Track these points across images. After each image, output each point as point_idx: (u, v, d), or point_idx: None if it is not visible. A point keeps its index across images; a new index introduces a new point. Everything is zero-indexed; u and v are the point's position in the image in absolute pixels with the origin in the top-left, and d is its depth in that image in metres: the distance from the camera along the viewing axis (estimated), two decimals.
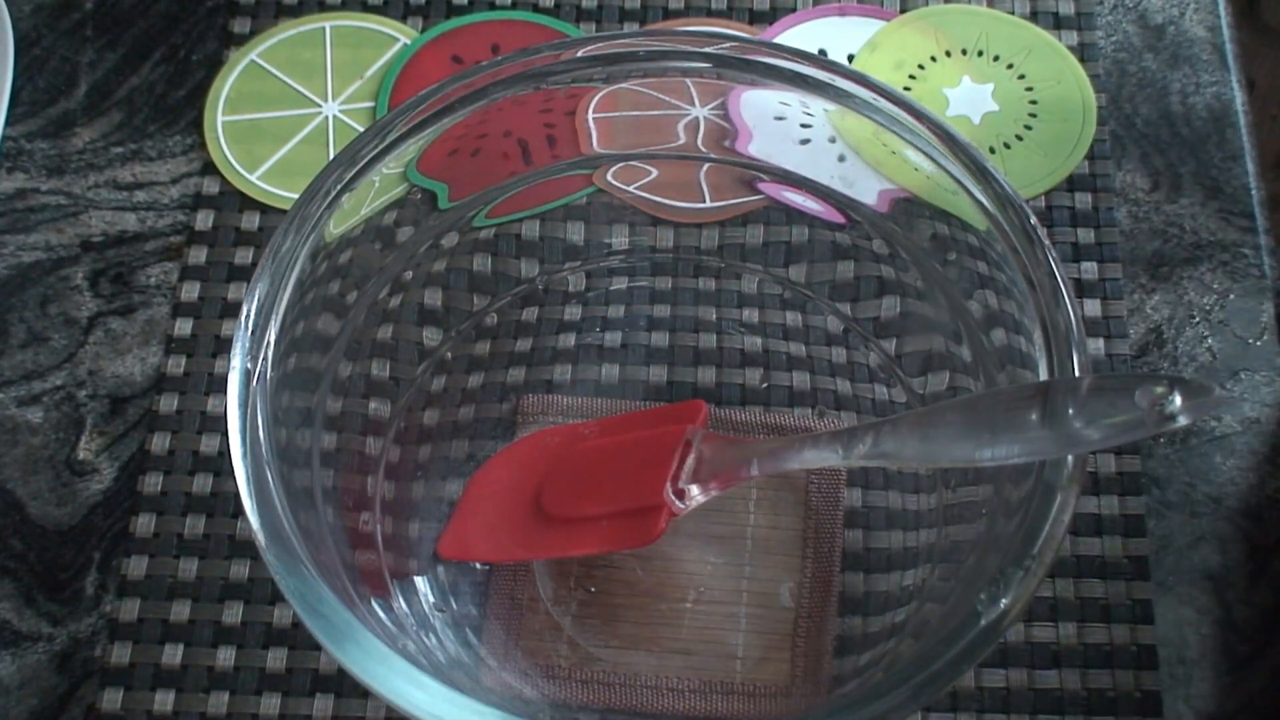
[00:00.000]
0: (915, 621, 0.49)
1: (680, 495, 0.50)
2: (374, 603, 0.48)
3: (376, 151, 0.48)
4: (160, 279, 0.64)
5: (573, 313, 0.61)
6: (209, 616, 0.56)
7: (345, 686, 0.55)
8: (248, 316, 0.48)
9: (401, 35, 0.70)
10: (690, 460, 0.51)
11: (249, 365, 0.47)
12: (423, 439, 0.57)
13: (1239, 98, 0.68)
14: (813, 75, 0.49)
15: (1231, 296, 0.63)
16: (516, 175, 0.55)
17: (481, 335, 0.59)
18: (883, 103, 0.48)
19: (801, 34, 0.70)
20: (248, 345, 0.47)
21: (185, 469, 0.60)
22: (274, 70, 0.69)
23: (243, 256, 0.64)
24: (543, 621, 0.55)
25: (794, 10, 0.70)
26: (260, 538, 0.44)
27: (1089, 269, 0.63)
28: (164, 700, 0.55)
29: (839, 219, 0.55)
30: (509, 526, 0.54)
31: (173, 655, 0.56)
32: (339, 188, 0.49)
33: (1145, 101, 0.68)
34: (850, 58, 0.69)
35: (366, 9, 0.71)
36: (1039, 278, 0.47)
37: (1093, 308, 0.62)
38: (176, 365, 0.62)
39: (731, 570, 0.56)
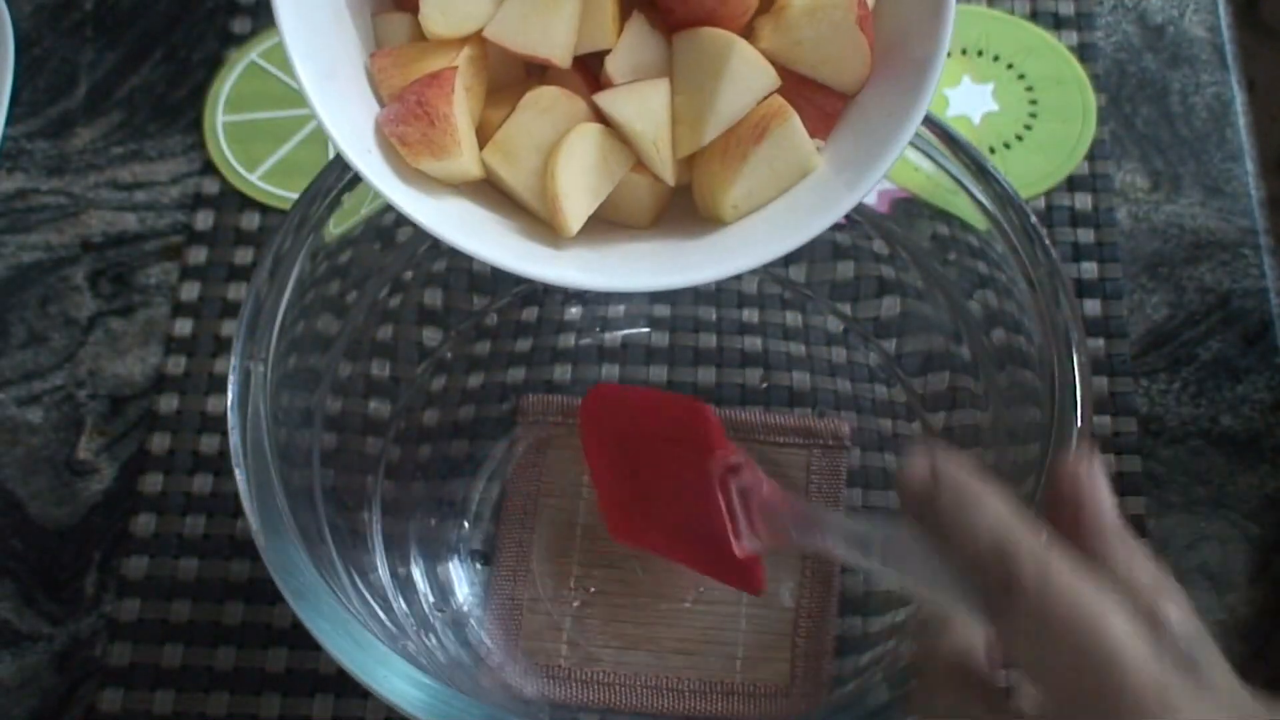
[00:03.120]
0: (915, 621, 0.49)
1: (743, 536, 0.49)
2: (373, 603, 0.48)
3: None
4: (160, 279, 0.64)
5: (573, 313, 0.61)
6: (209, 616, 0.56)
7: (345, 686, 0.55)
8: (247, 316, 0.48)
9: None
10: (737, 504, 0.50)
11: (249, 365, 0.47)
12: (423, 439, 0.57)
13: (1239, 98, 0.68)
14: None
15: (1231, 297, 0.63)
16: None
17: (481, 335, 0.59)
18: None
19: None
20: (248, 345, 0.47)
21: (185, 469, 0.60)
22: (274, 70, 0.69)
23: (242, 256, 0.64)
24: (543, 621, 0.55)
25: None
26: (260, 537, 0.44)
27: (1089, 269, 0.63)
28: (164, 700, 0.55)
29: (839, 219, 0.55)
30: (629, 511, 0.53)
31: (173, 655, 0.56)
32: (339, 187, 0.50)
33: (1145, 101, 0.68)
34: None
35: None
36: (1039, 278, 0.48)
37: (1093, 308, 0.62)
38: (176, 365, 0.62)
39: None
